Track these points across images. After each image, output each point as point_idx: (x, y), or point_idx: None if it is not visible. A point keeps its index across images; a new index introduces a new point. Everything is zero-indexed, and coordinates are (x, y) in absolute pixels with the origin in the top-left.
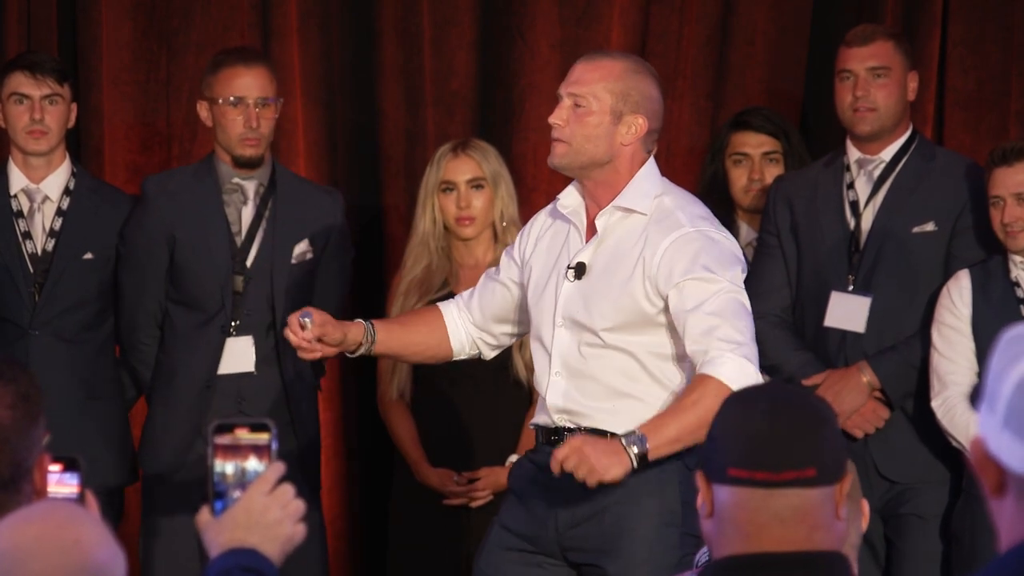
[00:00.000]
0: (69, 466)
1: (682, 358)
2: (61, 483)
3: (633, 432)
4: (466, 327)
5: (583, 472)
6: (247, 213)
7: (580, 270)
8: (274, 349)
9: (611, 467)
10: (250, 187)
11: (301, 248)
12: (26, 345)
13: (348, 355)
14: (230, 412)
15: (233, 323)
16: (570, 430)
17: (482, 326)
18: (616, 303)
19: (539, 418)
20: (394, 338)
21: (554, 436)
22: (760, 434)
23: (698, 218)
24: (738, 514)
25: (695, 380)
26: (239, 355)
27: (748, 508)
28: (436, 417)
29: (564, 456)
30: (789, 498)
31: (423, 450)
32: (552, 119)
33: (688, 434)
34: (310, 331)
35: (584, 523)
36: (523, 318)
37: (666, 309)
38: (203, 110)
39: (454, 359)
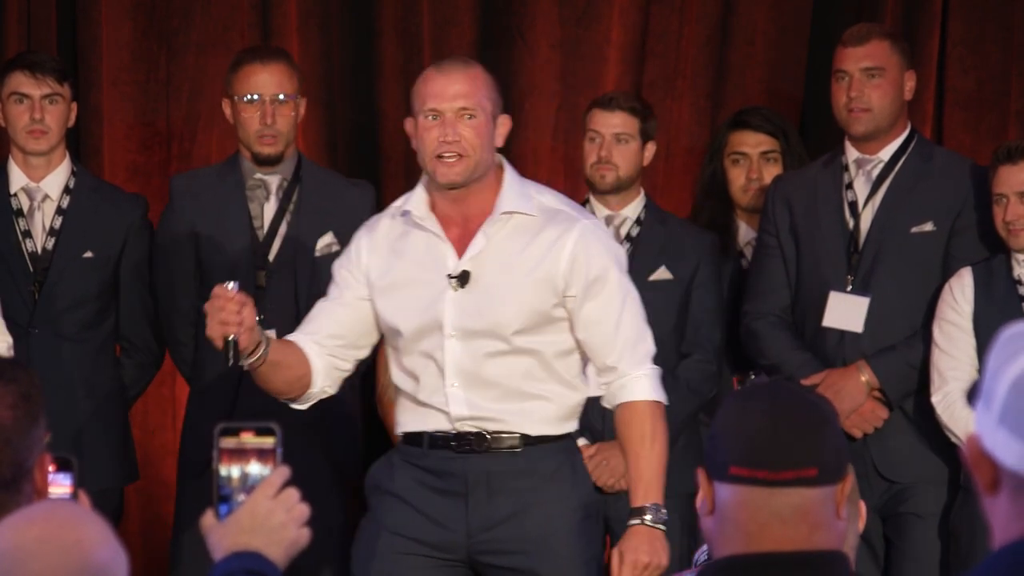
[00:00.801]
0: (62, 466)
1: (575, 350)
2: (54, 483)
3: (646, 508)
4: (324, 362)
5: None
6: (269, 208)
7: (464, 279)
8: None
9: (663, 553)
10: (273, 182)
11: (326, 241)
12: (26, 344)
13: (233, 361)
14: (259, 409)
15: (259, 318)
16: (476, 435)
17: (338, 355)
18: (522, 305)
19: (425, 425)
20: (280, 352)
21: (454, 442)
22: (762, 433)
23: (582, 212)
24: (739, 513)
25: (628, 411)
26: None
27: (749, 507)
28: None
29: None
30: (790, 497)
31: None
32: (447, 136)
33: (664, 465)
34: (235, 293)
35: (500, 525)
36: (370, 337)
37: (563, 306)
38: (226, 107)
39: (304, 402)
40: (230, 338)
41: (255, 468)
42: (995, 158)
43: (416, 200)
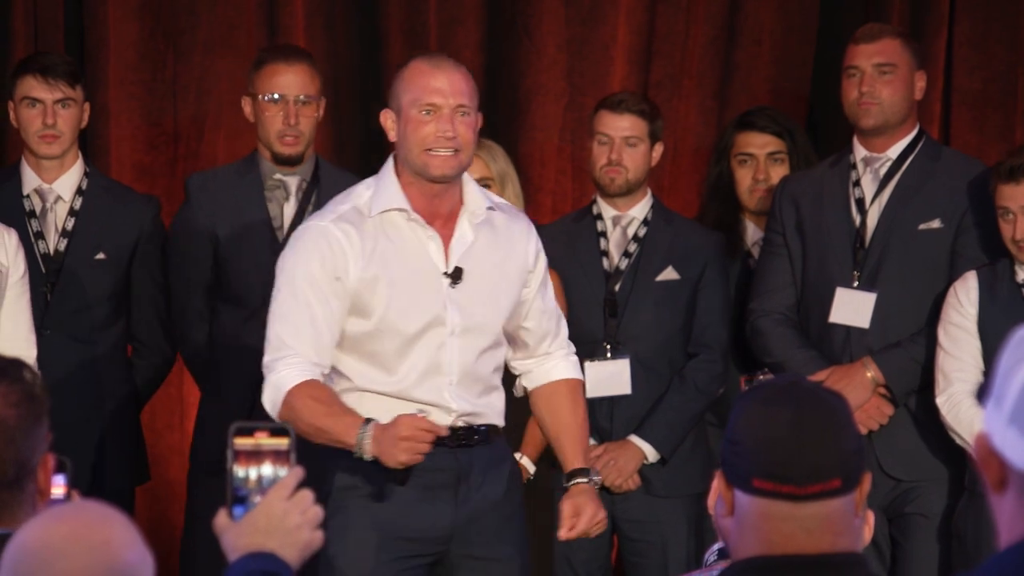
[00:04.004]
0: (56, 467)
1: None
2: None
3: (589, 470)
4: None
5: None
6: (289, 209)
7: (458, 275)
8: None
9: (603, 509)
10: (292, 183)
11: None
12: (38, 345)
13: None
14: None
15: None
16: (467, 429)
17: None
18: (509, 299)
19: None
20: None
21: (448, 438)
22: (785, 444)
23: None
24: (762, 524)
25: (561, 386)
26: None
27: (773, 518)
28: None
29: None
30: (815, 509)
31: None
32: (447, 132)
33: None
34: (431, 423)
35: (486, 515)
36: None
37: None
38: (247, 106)
39: None
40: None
41: (270, 469)
42: (996, 175)
43: (394, 196)
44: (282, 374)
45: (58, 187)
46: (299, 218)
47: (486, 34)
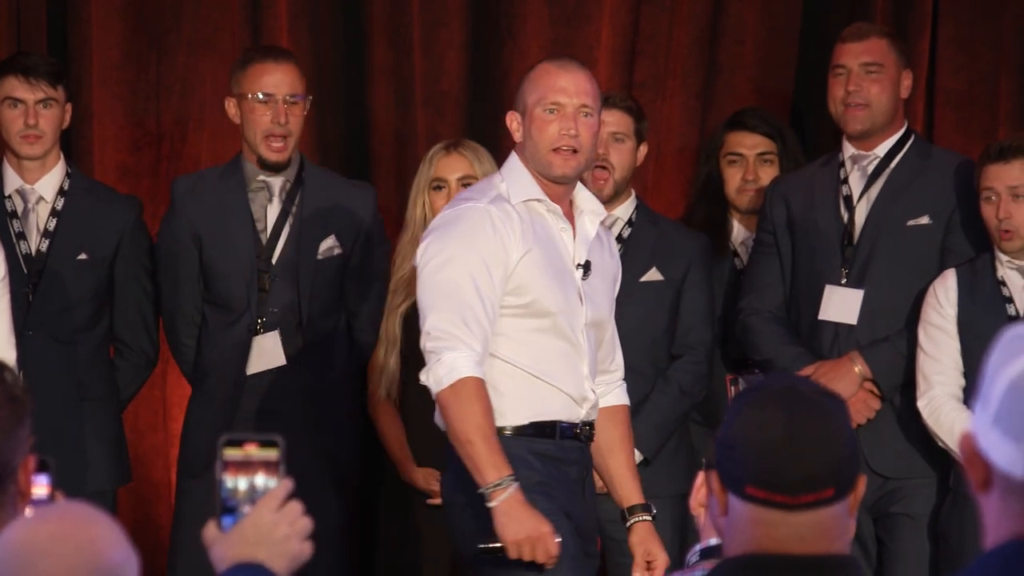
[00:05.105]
0: (39, 468)
1: None
2: (32, 484)
3: (649, 507)
4: None
5: None
6: (273, 210)
7: (588, 268)
8: (302, 347)
9: None
10: (276, 184)
11: (328, 244)
12: (20, 346)
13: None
14: (259, 410)
15: (260, 320)
16: (590, 423)
17: None
18: (612, 302)
19: (557, 414)
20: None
21: (580, 431)
22: (780, 452)
23: None
24: (755, 529)
25: (618, 413)
26: (266, 353)
27: (766, 525)
28: (420, 417)
29: None
30: (808, 517)
31: (409, 450)
32: (570, 130)
33: None
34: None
35: (592, 514)
36: None
37: None
38: (231, 107)
39: None
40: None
41: (260, 480)
42: (985, 156)
43: (530, 186)
44: (456, 357)
45: (40, 188)
46: (283, 219)
47: (470, 35)
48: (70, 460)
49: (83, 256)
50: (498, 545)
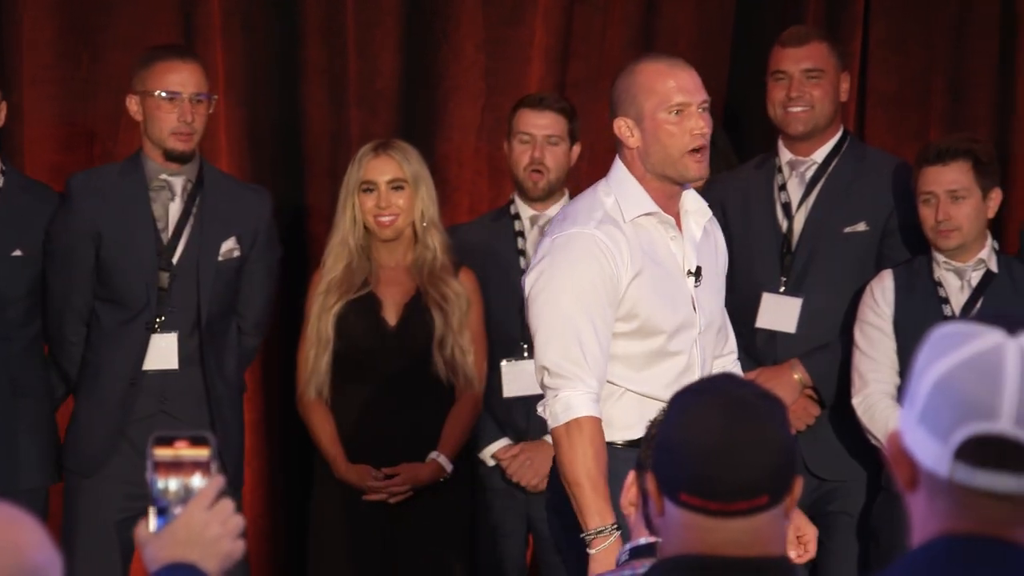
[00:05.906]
0: None
1: None
2: None
3: None
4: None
5: None
6: (174, 209)
7: (699, 274)
8: (198, 348)
9: None
10: (177, 183)
11: (228, 245)
12: None
13: None
14: (153, 410)
15: (158, 320)
16: None
17: None
18: (723, 297)
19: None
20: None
21: None
22: (714, 459)
23: None
24: (690, 533)
25: None
26: (163, 352)
27: (700, 530)
28: (355, 415)
29: None
30: (743, 523)
31: (341, 447)
32: (700, 129)
33: None
34: None
35: None
36: None
37: None
38: (133, 104)
39: None
40: None
41: (191, 479)
42: (921, 158)
43: (643, 200)
44: (572, 395)
45: None
46: (184, 219)
47: (404, 35)
48: (2, 457)
49: (18, 252)
50: None
